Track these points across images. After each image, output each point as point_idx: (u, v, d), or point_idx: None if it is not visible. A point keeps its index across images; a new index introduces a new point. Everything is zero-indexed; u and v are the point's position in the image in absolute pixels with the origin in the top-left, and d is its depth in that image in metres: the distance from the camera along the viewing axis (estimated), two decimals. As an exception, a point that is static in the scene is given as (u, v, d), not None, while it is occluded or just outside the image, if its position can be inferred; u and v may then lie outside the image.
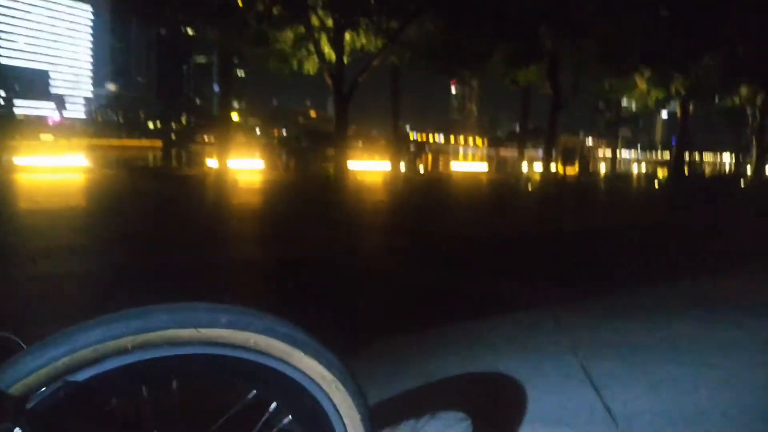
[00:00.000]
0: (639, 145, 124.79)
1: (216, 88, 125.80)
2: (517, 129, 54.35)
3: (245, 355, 0.98)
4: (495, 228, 9.85)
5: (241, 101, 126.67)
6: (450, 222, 10.85)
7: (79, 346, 0.89)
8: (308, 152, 50.20)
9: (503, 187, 24.22)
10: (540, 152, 42.57)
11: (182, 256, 6.22)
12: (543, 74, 28.77)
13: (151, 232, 8.20)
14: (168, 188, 17.40)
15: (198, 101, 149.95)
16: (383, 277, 5.45)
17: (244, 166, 30.03)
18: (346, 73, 24.79)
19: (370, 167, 34.02)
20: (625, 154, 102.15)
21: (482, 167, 53.76)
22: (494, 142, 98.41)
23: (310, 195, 17.00)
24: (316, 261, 6.14)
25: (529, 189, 23.71)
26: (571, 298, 4.45)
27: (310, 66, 24.74)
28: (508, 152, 68.87)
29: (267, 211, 12.37)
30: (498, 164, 57.18)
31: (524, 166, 41.23)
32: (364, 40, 23.90)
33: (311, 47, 23.74)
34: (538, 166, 40.36)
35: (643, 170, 74.43)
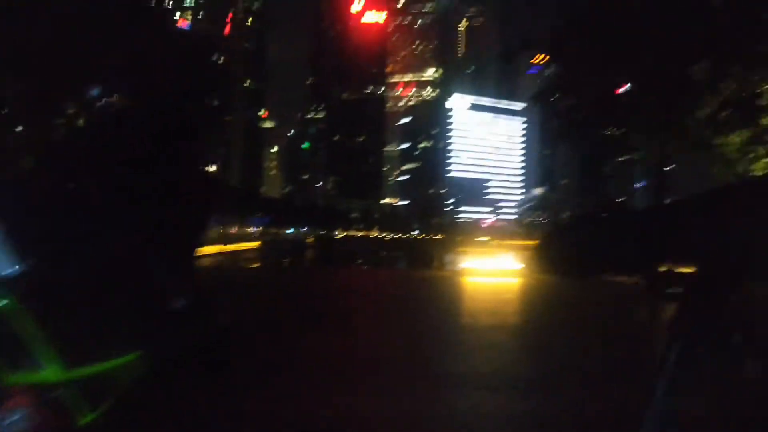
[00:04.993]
0: None
1: (639, 184, 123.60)
2: None
3: None
4: None
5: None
6: None
7: None
8: None
9: None
10: None
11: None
12: None
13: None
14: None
15: (618, 200, 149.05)
16: None
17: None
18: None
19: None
20: None
21: None
22: None
23: None
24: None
25: None
26: None
27: (760, 167, 22.32)
28: None
29: None
30: None
31: None
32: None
33: (760, 150, 21.50)
34: None
35: None
